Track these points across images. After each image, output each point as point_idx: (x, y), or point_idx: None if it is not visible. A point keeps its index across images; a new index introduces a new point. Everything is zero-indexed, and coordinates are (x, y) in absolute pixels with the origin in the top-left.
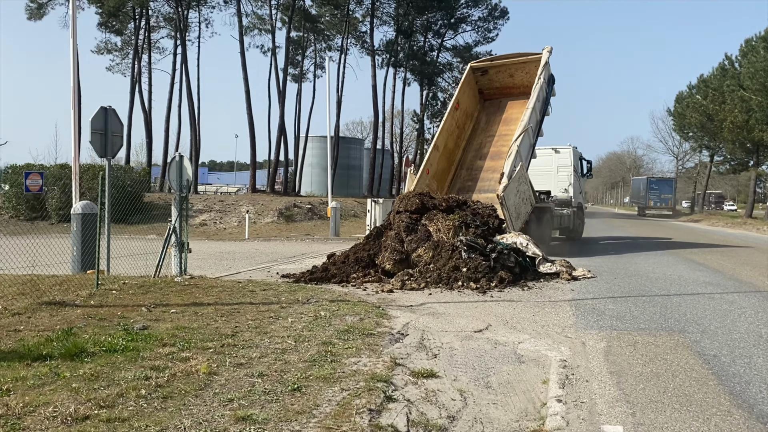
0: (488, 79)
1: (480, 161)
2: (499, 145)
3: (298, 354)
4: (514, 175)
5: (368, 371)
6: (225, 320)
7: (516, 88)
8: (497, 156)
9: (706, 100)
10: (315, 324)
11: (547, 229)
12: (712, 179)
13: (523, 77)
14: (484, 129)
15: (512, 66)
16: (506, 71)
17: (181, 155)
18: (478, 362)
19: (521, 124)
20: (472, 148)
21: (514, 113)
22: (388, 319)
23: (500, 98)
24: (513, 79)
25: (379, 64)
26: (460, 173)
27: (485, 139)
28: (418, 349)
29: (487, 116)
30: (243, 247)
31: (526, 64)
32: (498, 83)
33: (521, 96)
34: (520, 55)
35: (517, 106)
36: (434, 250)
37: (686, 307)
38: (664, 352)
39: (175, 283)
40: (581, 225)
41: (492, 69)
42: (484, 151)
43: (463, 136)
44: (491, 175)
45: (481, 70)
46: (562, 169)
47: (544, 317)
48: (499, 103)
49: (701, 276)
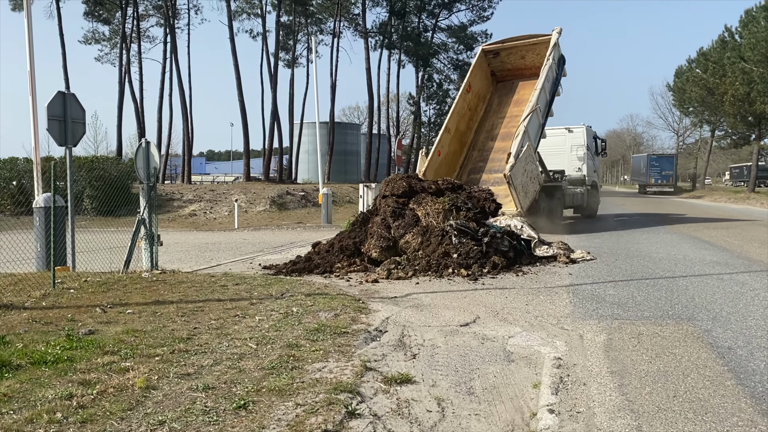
0: (500, 61)
1: (491, 142)
2: (510, 126)
3: (257, 360)
4: (521, 154)
5: (333, 379)
6: (185, 321)
7: (528, 69)
8: (508, 137)
9: (706, 74)
10: (284, 323)
11: (558, 208)
12: (714, 154)
13: (534, 58)
14: (496, 110)
15: (523, 48)
16: (517, 53)
17: (147, 141)
18: (462, 363)
19: (529, 104)
20: (483, 129)
21: (526, 94)
22: (366, 313)
23: (512, 80)
24: (524, 60)
25: (372, 47)
26: (471, 155)
27: (497, 121)
28: (396, 349)
29: (500, 98)
30: (231, 237)
31: (536, 46)
32: (510, 65)
33: (533, 77)
34: (531, 37)
35: (529, 87)
36: (423, 236)
37: (694, 291)
38: (672, 345)
39: (142, 279)
40: (596, 203)
41: (503, 51)
42: (496, 132)
43: (476, 118)
44: (501, 156)
45: (493, 53)
46: (576, 149)
47: (539, 306)
48: (511, 85)
49: (708, 255)
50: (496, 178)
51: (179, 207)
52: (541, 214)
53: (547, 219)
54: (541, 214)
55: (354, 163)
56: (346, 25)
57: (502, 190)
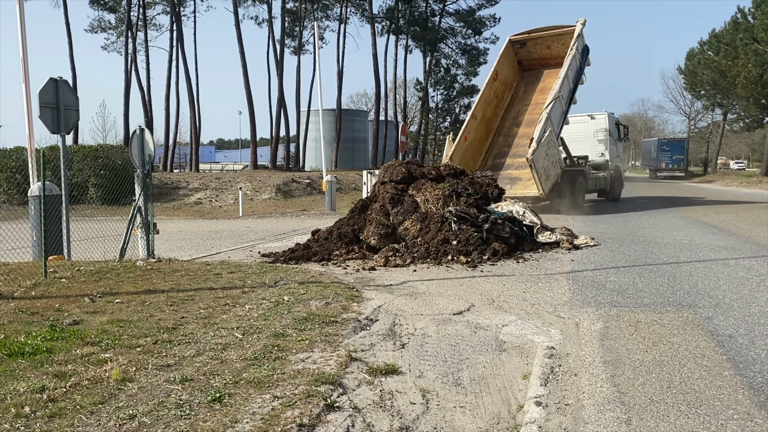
0: (527, 50)
1: (516, 128)
2: (534, 113)
3: (241, 350)
4: (543, 139)
5: (315, 370)
6: (173, 310)
7: (553, 58)
8: (532, 123)
9: (718, 56)
10: (273, 312)
11: (580, 191)
12: (726, 138)
13: (559, 48)
14: (522, 98)
15: (548, 38)
16: (543, 43)
17: (141, 128)
18: (452, 352)
19: (552, 92)
20: (509, 116)
21: (550, 82)
22: (359, 302)
23: (538, 68)
24: (550, 50)
25: (379, 32)
26: (497, 140)
27: (522, 108)
28: (385, 338)
29: (526, 86)
30: (234, 225)
31: (561, 36)
32: (536, 54)
33: (558, 66)
34: (556, 28)
35: (554, 76)
36: (422, 223)
37: (697, 277)
38: (670, 334)
39: (136, 268)
40: (620, 186)
41: (530, 41)
42: (521, 118)
43: (502, 105)
44: (525, 141)
45: (520, 43)
46: (598, 134)
47: (536, 294)
48: (537, 73)
49: (714, 240)
50: (520, 162)
51: (185, 195)
52: (564, 197)
53: (570, 202)
54: (564, 197)
55: (362, 151)
56: (353, 10)
57: (525, 174)
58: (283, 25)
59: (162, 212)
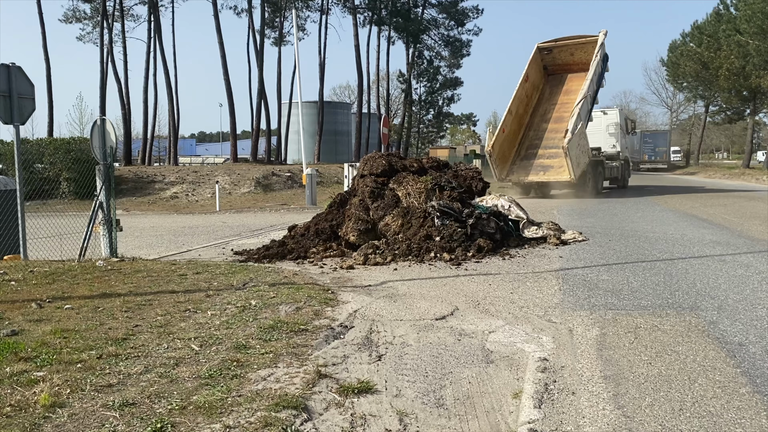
0: (552, 57)
1: (545, 124)
2: (561, 111)
3: (195, 366)
4: (576, 131)
5: (277, 391)
6: (127, 317)
7: (575, 64)
8: (559, 120)
9: (700, 48)
10: (238, 318)
11: (599, 179)
12: (707, 130)
13: (581, 55)
14: (548, 98)
15: (572, 46)
16: (567, 50)
17: (102, 118)
18: (434, 365)
19: (581, 91)
20: (537, 113)
21: (574, 85)
22: (333, 306)
23: (561, 73)
24: (573, 57)
25: (361, 23)
26: (528, 134)
27: (549, 107)
28: (361, 348)
29: (551, 88)
30: (210, 220)
31: (584, 45)
32: (560, 60)
33: (580, 71)
34: (580, 37)
35: (576, 80)
36: (403, 218)
37: (695, 275)
38: (674, 342)
39: (95, 269)
40: (628, 175)
41: (555, 48)
42: (548, 116)
43: (531, 104)
44: (554, 135)
45: (546, 50)
46: (610, 128)
47: (525, 294)
48: (560, 78)
49: (707, 234)
50: (551, 152)
51: (160, 189)
52: (588, 183)
53: (592, 187)
54: (588, 184)
55: (345, 143)
56: (335, 1)
57: (556, 162)
58: (262, 15)
59: (136, 207)
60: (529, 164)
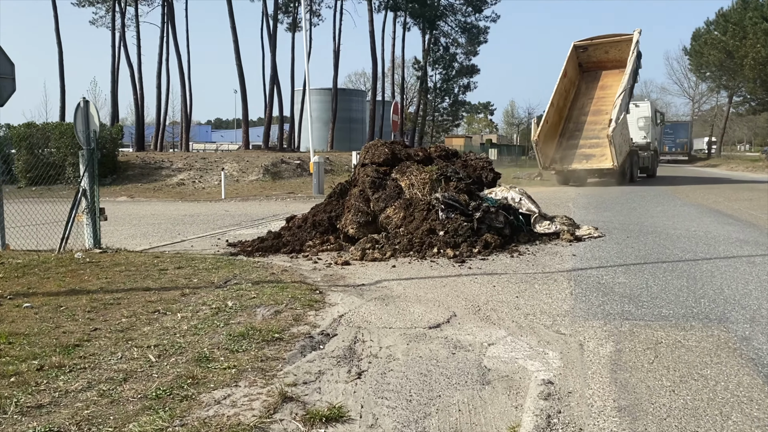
0: (587, 54)
1: (583, 117)
2: (598, 105)
3: (145, 382)
4: (619, 120)
5: (230, 419)
6: (88, 319)
7: (609, 62)
8: (597, 113)
9: (725, 36)
10: (208, 323)
11: (635, 167)
12: (730, 121)
13: (615, 53)
14: (584, 93)
15: (607, 44)
16: (602, 48)
17: (86, 100)
18: (420, 386)
19: (622, 85)
20: (576, 107)
21: (609, 81)
22: (318, 309)
23: (595, 70)
24: (607, 54)
25: (376, 8)
26: (567, 126)
27: (586, 101)
28: (340, 363)
29: (586, 84)
30: (213, 208)
31: (619, 43)
32: (595, 58)
33: (614, 68)
34: (614, 36)
35: (611, 76)
36: (405, 210)
37: (721, 278)
38: (701, 363)
39: (73, 261)
40: (657, 165)
41: (591, 47)
42: (586, 109)
43: (569, 98)
44: (594, 126)
45: (582, 48)
46: (642, 120)
47: (532, 299)
48: (595, 74)
49: (733, 232)
50: (592, 142)
51: (167, 176)
52: (626, 171)
53: (630, 175)
54: (627, 172)
55: (359, 131)
56: None
57: (597, 152)
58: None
59: (141, 193)
60: (571, 153)
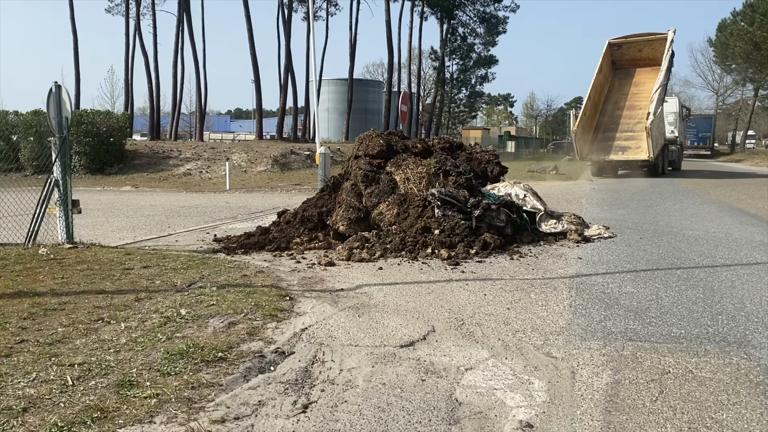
0: (621, 52)
1: (618, 111)
2: (632, 101)
3: (46, 414)
4: (657, 114)
5: None
6: (19, 328)
7: (642, 60)
8: (631, 108)
9: (752, 27)
10: (150, 336)
11: (666, 160)
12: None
13: (649, 52)
14: (618, 89)
15: (641, 43)
16: (636, 47)
17: (58, 85)
18: (374, 424)
19: (658, 81)
20: (610, 102)
21: (642, 78)
22: (281, 320)
23: (629, 67)
24: (641, 53)
25: None
26: (602, 119)
27: (620, 96)
28: (287, 391)
29: (619, 80)
30: (214, 200)
31: (652, 42)
32: (628, 56)
33: (647, 66)
34: (648, 35)
35: (644, 73)
36: (400, 206)
37: (743, 290)
38: (716, 402)
39: (35, 257)
40: (681, 159)
41: (625, 45)
42: (621, 104)
43: (603, 93)
44: (629, 120)
45: (616, 46)
46: (669, 116)
47: (524, 312)
48: (627, 71)
49: (756, 234)
50: (627, 135)
51: (174, 165)
52: (659, 164)
53: (661, 168)
54: (659, 165)
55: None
56: None
57: (632, 144)
58: None
59: (146, 183)
60: (607, 145)
